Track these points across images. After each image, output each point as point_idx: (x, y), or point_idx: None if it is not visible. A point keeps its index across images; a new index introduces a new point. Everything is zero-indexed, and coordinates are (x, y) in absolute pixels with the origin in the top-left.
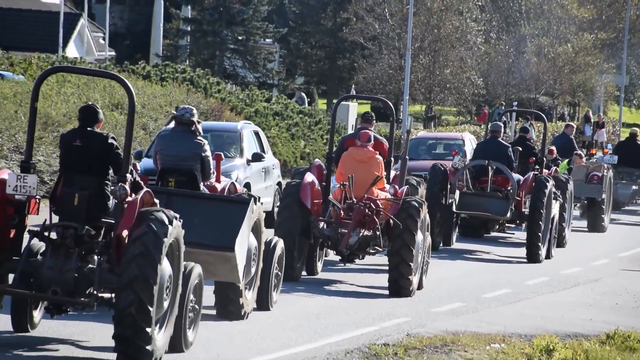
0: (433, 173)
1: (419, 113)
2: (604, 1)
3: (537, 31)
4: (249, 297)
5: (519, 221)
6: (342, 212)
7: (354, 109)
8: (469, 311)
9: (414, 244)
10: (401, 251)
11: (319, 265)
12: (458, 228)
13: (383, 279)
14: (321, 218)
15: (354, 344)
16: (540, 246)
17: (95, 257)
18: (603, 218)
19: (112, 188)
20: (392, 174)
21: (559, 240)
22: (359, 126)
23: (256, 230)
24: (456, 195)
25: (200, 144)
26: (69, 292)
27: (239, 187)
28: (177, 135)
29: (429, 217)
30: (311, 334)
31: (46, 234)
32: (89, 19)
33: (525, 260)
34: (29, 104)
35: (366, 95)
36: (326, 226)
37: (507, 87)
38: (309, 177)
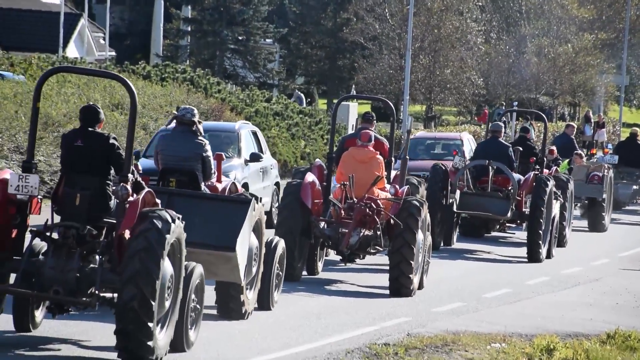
0: (434, 173)
1: (419, 113)
2: (604, 1)
3: (537, 31)
4: (250, 297)
5: (519, 221)
6: (342, 211)
7: (354, 109)
8: (470, 311)
9: (414, 242)
10: (402, 250)
11: (320, 265)
12: (459, 228)
13: (383, 279)
14: (322, 218)
15: (354, 343)
16: (540, 246)
17: (97, 257)
18: (604, 218)
19: (114, 188)
20: (393, 174)
21: (559, 240)
22: (359, 126)
23: (257, 230)
24: (457, 195)
25: (201, 144)
26: (70, 291)
27: (239, 187)
28: (178, 135)
29: (429, 216)
30: (312, 333)
31: (48, 233)
32: (89, 19)
33: (526, 260)
34: (29, 104)
35: (366, 95)
36: (327, 226)
37: (508, 87)
38: (309, 177)
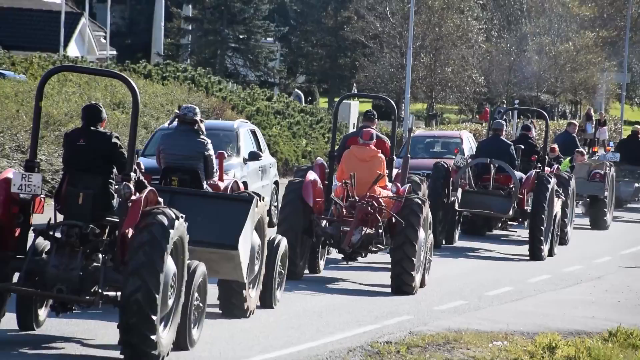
0: (436, 171)
1: (420, 111)
2: None
3: (538, 29)
4: (252, 295)
5: (521, 219)
6: (344, 210)
7: (355, 107)
8: (471, 309)
9: (416, 239)
10: (404, 246)
11: (322, 263)
12: (460, 226)
13: (385, 277)
14: (323, 216)
15: (356, 342)
16: (542, 244)
17: (100, 256)
18: (605, 215)
19: (117, 187)
20: (395, 172)
21: (561, 238)
22: (361, 124)
23: (259, 228)
24: (458, 193)
25: (203, 142)
26: (74, 290)
27: (241, 185)
28: (180, 134)
29: (431, 215)
30: (313, 332)
31: (51, 232)
32: (90, 18)
33: (528, 258)
34: (30, 103)
35: (368, 93)
36: (328, 224)
37: (509, 86)
38: (311, 175)
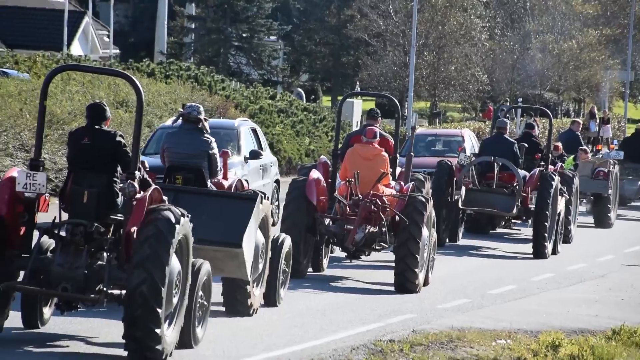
0: (439, 169)
1: (423, 110)
2: None
3: (541, 27)
4: (256, 294)
5: (525, 217)
6: (347, 208)
7: (358, 106)
8: (475, 307)
9: (420, 236)
10: (408, 243)
11: (325, 261)
12: (464, 224)
13: (389, 276)
14: (327, 214)
15: (359, 340)
16: (546, 242)
17: (105, 254)
18: (609, 213)
19: (121, 185)
20: (398, 170)
21: (564, 236)
22: (364, 123)
23: (263, 227)
24: (462, 192)
25: (207, 141)
26: (78, 288)
27: (245, 183)
28: (184, 133)
29: (434, 213)
30: (317, 330)
31: (56, 231)
32: (94, 17)
33: (531, 257)
34: (33, 102)
35: (371, 92)
36: (332, 223)
37: (512, 84)
38: (314, 173)
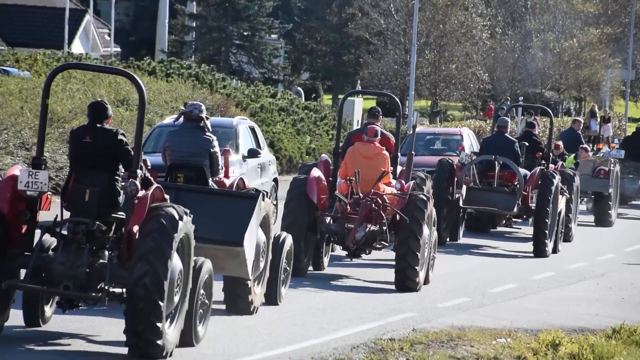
0: (440, 168)
1: (424, 108)
2: None
3: (542, 26)
4: (257, 292)
5: (525, 216)
6: (348, 207)
7: (359, 104)
8: (475, 306)
9: (421, 233)
10: (408, 241)
11: (325, 260)
12: (465, 223)
13: (389, 274)
14: (327, 213)
15: (360, 339)
16: (547, 241)
17: (106, 253)
18: (610, 212)
19: (123, 184)
20: (399, 169)
21: (565, 235)
22: (365, 121)
23: (265, 225)
24: (463, 191)
25: (209, 139)
26: (80, 287)
27: (247, 182)
28: (186, 131)
29: (435, 212)
30: (317, 329)
31: (57, 229)
32: (95, 15)
33: (532, 255)
34: (34, 101)
35: (372, 90)
36: (333, 221)
37: (513, 82)
38: (315, 172)
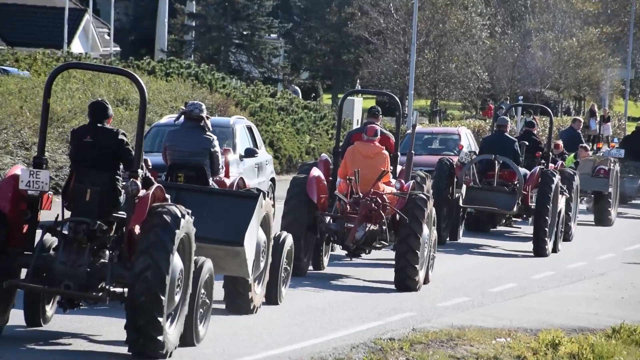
0: (440, 167)
1: (424, 108)
2: None
3: (542, 25)
4: (258, 292)
5: (525, 215)
6: (348, 206)
7: (359, 103)
8: (475, 305)
9: (421, 232)
10: (408, 239)
11: (325, 260)
12: (464, 222)
13: (389, 274)
14: (327, 213)
15: (359, 338)
16: (547, 240)
17: (107, 252)
18: (610, 211)
19: (124, 183)
20: (399, 168)
21: (565, 234)
22: (365, 121)
23: (265, 225)
24: (463, 190)
25: (209, 139)
26: (81, 286)
27: (247, 182)
28: (186, 130)
29: (435, 211)
30: (317, 328)
31: (58, 229)
32: (94, 15)
33: (532, 255)
34: (34, 100)
35: (372, 90)
36: (332, 221)
37: (513, 82)
38: (315, 171)
